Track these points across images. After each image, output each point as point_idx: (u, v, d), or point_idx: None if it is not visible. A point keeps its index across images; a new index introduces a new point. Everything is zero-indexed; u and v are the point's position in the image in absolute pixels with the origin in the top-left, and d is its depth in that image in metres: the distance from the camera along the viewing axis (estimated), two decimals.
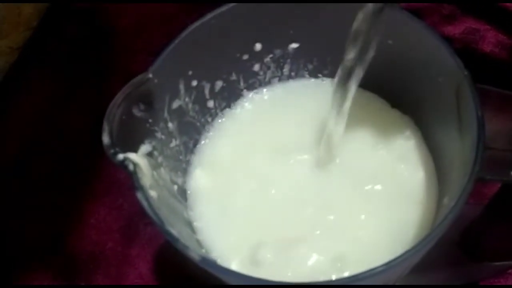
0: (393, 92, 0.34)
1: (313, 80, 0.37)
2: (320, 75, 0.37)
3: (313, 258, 0.30)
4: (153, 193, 0.27)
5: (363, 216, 0.31)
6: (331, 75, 0.36)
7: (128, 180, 0.27)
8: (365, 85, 0.35)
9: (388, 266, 0.24)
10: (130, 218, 0.44)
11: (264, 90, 0.37)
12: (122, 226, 0.44)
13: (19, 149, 0.48)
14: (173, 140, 0.32)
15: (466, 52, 0.50)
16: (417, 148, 0.33)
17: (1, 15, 0.48)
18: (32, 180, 0.46)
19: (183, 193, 0.33)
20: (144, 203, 0.25)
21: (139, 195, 0.26)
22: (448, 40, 0.41)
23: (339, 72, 0.29)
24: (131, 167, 0.26)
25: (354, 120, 0.34)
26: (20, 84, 0.52)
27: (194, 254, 0.25)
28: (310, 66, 0.36)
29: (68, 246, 0.43)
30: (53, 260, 0.43)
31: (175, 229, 0.26)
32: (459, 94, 0.28)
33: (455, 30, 0.51)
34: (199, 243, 0.31)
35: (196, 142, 0.35)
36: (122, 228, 0.44)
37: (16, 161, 0.48)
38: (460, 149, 0.28)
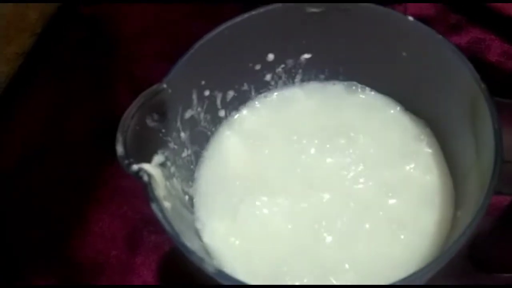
0: (408, 97, 0.34)
1: (323, 83, 0.37)
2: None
3: (329, 272, 0.30)
4: (166, 204, 0.27)
5: (371, 224, 0.31)
6: None
7: (131, 187, 0.26)
8: (379, 88, 0.35)
9: (403, 283, 0.24)
10: (134, 226, 0.44)
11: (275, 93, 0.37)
12: (126, 233, 0.44)
13: (23, 154, 0.48)
14: (185, 150, 0.32)
15: (472, 62, 0.50)
16: (432, 154, 0.33)
17: (6, 21, 0.48)
18: (35, 187, 0.46)
19: (192, 203, 0.33)
20: (159, 215, 0.25)
21: (154, 207, 0.25)
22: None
23: None
24: (145, 177, 0.26)
25: (367, 121, 0.34)
26: (25, 90, 0.51)
27: (209, 267, 0.24)
28: (321, 76, 0.36)
29: (72, 254, 0.43)
30: (56, 267, 0.42)
31: (188, 240, 0.26)
32: (475, 106, 0.28)
33: (461, 40, 0.51)
34: (207, 252, 0.31)
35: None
36: (126, 236, 0.43)
37: (20, 167, 0.47)
38: (476, 160, 0.28)
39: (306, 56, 0.35)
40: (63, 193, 0.46)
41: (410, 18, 0.29)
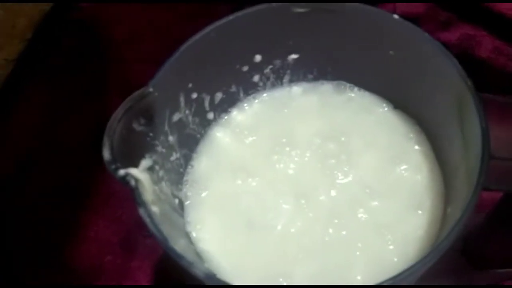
0: (397, 95, 0.34)
1: (312, 83, 0.37)
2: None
3: (321, 272, 0.30)
4: (155, 209, 0.27)
5: (366, 224, 0.31)
6: None
7: (126, 192, 0.26)
8: (368, 87, 0.35)
9: (394, 281, 0.24)
10: (129, 230, 0.44)
11: (264, 94, 0.36)
12: (121, 238, 0.43)
13: (16, 161, 0.48)
14: (174, 153, 0.32)
15: (462, 58, 0.50)
16: (422, 152, 0.33)
17: None
18: (29, 193, 0.46)
19: (183, 207, 0.33)
20: (147, 220, 0.25)
21: (141, 212, 0.25)
22: (445, 46, 0.41)
23: None
24: (132, 182, 0.26)
25: (356, 121, 0.34)
26: (17, 96, 0.51)
27: (198, 271, 0.24)
28: (310, 76, 0.36)
29: (67, 259, 0.43)
30: (52, 273, 0.42)
31: (178, 245, 0.26)
32: (462, 103, 0.28)
33: (451, 36, 0.51)
34: (198, 256, 0.31)
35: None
36: (122, 241, 0.43)
37: (13, 173, 0.47)
38: (464, 157, 0.28)
39: (294, 56, 0.34)
40: (57, 199, 0.46)
41: (396, 16, 0.29)
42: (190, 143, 0.34)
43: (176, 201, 0.32)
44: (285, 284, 0.29)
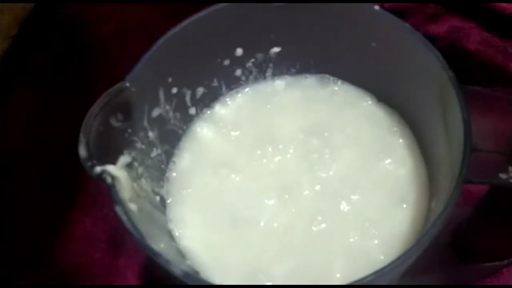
0: (380, 88, 0.34)
1: (295, 77, 0.36)
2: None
3: (303, 268, 0.29)
4: (133, 206, 0.26)
5: (350, 219, 0.31)
6: None
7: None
8: (351, 80, 0.35)
9: (377, 275, 0.24)
10: (117, 228, 0.43)
11: (247, 89, 0.36)
12: (108, 236, 0.43)
13: (1, 160, 0.47)
14: (154, 149, 0.32)
15: (451, 50, 0.50)
16: (406, 146, 0.33)
17: None
18: (15, 192, 0.46)
19: (164, 204, 0.32)
20: (123, 217, 0.25)
21: (117, 209, 0.25)
22: (433, 39, 0.41)
23: None
24: (109, 180, 0.26)
25: (340, 115, 0.34)
26: (2, 94, 0.51)
27: (176, 268, 0.24)
28: (293, 70, 0.36)
29: (55, 258, 0.42)
30: (39, 272, 0.42)
31: (157, 242, 0.25)
32: (444, 95, 0.27)
33: (439, 29, 0.51)
34: (181, 254, 0.31)
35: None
36: (109, 239, 0.43)
37: (0, 171, 0.47)
38: (448, 150, 0.28)
39: (276, 49, 0.34)
40: (44, 197, 0.45)
41: (376, 7, 0.29)
42: (172, 139, 0.33)
43: (158, 198, 0.32)
44: (264, 280, 0.29)
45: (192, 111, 0.34)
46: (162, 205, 0.32)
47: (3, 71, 0.51)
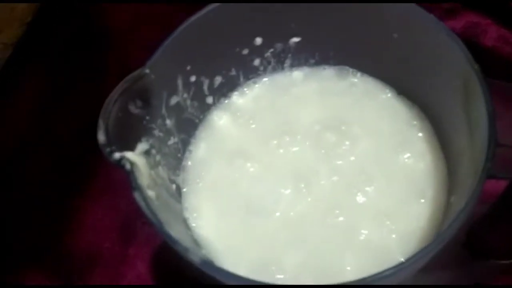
0: (400, 80, 0.34)
1: (314, 68, 0.36)
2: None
3: (320, 260, 0.29)
4: (151, 193, 0.26)
5: (367, 212, 0.31)
6: None
7: (124, 179, 0.26)
8: (371, 72, 0.34)
9: (395, 270, 0.23)
10: (127, 218, 0.43)
11: (264, 79, 0.36)
12: (119, 225, 0.43)
13: (13, 148, 0.47)
14: (171, 138, 0.31)
15: (467, 46, 0.49)
16: (425, 139, 0.32)
17: None
18: (27, 180, 0.46)
19: (180, 192, 0.32)
20: (142, 204, 0.25)
21: (136, 195, 0.25)
22: None
23: None
24: (128, 166, 0.26)
25: (359, 108, 0.34)
26: (14, 81, 0.51)
27: (194, 256, 0.24)
28: (312, 60, 0.35)
29: (65, 246, 0.42)
30: (49, 260, 0.42)
31: (173, 230, 0.25)
32: (468, 87, 0.27)
33: (456, 24, 0.51)
34: (196, 242, 0.30)
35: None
36: (120, 228, 0.43)
37: (10, 160, 0.47)
38: (469, 144, 0.27)
39: (295, 39, 0.34)
40: (55, 186, 0.45)
41: None
42: (188, 127, 0.33)
43: (174, 186, 0.31)
44: (276, 271, 0.29)
45: (210, 100, 0.34)
46: (178, 193, 0.32)
47: (17, 58, 0.51)
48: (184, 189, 0.32)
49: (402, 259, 0.28)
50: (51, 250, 0.42)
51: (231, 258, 0.30)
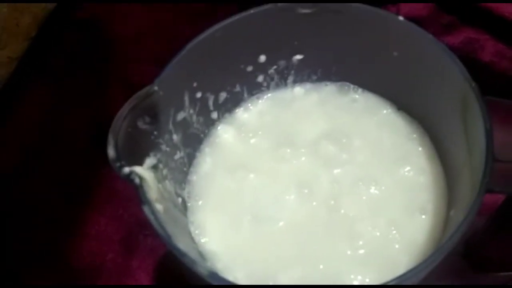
0: (401, 97, 0.34)
1: (316, 84, 0.37)
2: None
3: (318, 273, 0.30)
4: (159, 207, 0.27)
5: (367, 224, 0.31)
6: None
7: (127, 190, 0.26)
8: (372, 88, 0.35)
9: (397, 281, 0.24)
10: (130, 229, 0.44)
11: (268, 94, 0.37)
12: (122, 237, 0.43)
13: (18, 159, 0.48)
14: (178, 152, 0.32)
15: (465, 62, 0.50)
16: (425, 154, 0.33)
17: (0, 26, 0.48)
18: (31, 191, 0.46)
19: (185, 206, 0.33)
20: (151, 218, 0.25)
21: (146, 209, 0.25)
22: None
23: None
24: (137, 180, 0.26)
25: (360, 122, 0.35)
26: (19, 94, 0.51)
27: (202, 269, 0.24)
28: (314, 77, 0.36)
29: (68, 257, 0.42)
30: (52, 271, 0.42)
31: (181, 243, 0.26)
32: (466, 105, 0.28)
33: (454, 40, 0.51)
34: (201, 255, 0.31)
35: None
36: (123, 239, 0.43)
37: (15, 171, 0.47)
38: (468, 159, 0.28)
39: (298, 57, 0.35)
40: (59, 197, 0.46)
41: (401, 18, 0.30)
42: (194, 142, 0.34)
43: (180, 200, 0.32)
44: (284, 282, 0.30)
45: (214, 115, 0.35)
46: (184, 207, 0.32)
47: (22, 71, 0.51)
48: (189, 203, 0.33)
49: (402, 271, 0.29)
50: (54, 261, 0.42)
51: (237, 270, 0.30)
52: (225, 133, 0.35)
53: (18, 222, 0.45)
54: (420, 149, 0.33)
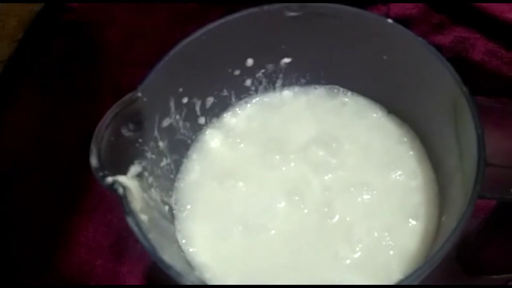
0: (391, 100, 0.34)
1: (305, 88, 0.36)
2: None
3: (310, 282, 0.29)
4: (143, 217, 0.26)
5: (361, 230, 0.31)
6: None
7: (116, 196, 0.26)
8: (361, 91, 0.35)
9: None
10: (120, 234, 0.43)
11: (256, 99, 0.36)
12: (112, 242, 0.43)
13: (5, 164, 0.47)
14: (164, 159, 0.32)
15: (456, 61, 0.49)
16: (416, 158, 0.33)
17: None
18: (19, 198, 0.45)
19: (173, 214, 0.32)
20: (135, 229, 0.25)
21: (129, 220, 0.25)
22: (438, 49, 0.41)
23: None
24: (120, 190, 0.26)
25: (349, 126, 0.34)
26: (7, 98, 0.51)
27: (186, 281, 0.24)
28: (303, 80, 0.36)
29: (57, 263, 0.42)
30: (41, 279, 0.42)
31: (166, 253, 0.25)
32: (457, 109, 0.27)
33: (445, 39, 0.51)
34: (189, 264, 0.30)
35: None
36: (112, 245, 0.43)
37: (3, 177, 0.47)
38: (459, 164, 0.28)
39: (286, 60, 0.34)
40: (47, 203, 0.45)
41: (390, 20, 0.29)
42: (181, 148, 0.33)
43: (166, 208, 0.31)
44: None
45: (202, 120, 0.34)
46: (171, 215, 0.32)
47: (9, 75, 0.51)
48: (176, 211, 0.32)
49: (397, 277, 0.28)
50: (42, 267, 0.42)
51: (226, 278, 0.30)
52: (212, 139, 0.34)
53: (6, 229, 0.44)
54: (411, 152, 0.33)
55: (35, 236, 0.43)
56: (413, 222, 0.30)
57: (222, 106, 0.35)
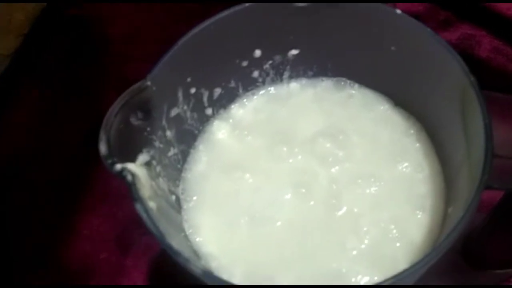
0: (398, 92, 0.34)
1: (312, 80, 0.36)
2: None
3: (317, 273, 0.29)
4: (152, 204, 0.26)
5: (368, 222, 0.31)
6: None
7: (121, 188, 0.26)
8: (368, 83, 0.35)
9: (394, 280, 0.23)
10: (125, 228, 0.43)
11: (263, 90, 0.36)
12: (116, 236, 0.43)
13: (11, 158, 0.47)
14: (171, 149, 0.32)
15: (462, 57, 0.50)
16: (423, 150, 0.33)
17: None
18: (25, 191, 0.46)
19: (180, 203, 0.32)
20: (144, 215, 0.25)
21: (138, 207, 0.25)
22: None
23: None
24: (129, 177, 0.26)
25: (356, 118, 0.34)
26: (12, 92, 0.51)
27: (195, 268, 0.24)
28: (310, 72, 0.36)
29: (62, 256, 0.42)
30: (46, 271, 0.42)
31: (174, 241, 0.25)
32: (465, 99, 0.27)
33: (451, 36, 0.51)
34: (195, 253, 0.31)
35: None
36: (117, 238, 0.43)
37: (8, 171, 0.47)
38: (466, 155, 0.28)
39: (294, 52, 0.34)
40: (52, 196, 0.45)
41: (398, 11, 0.29)
42: (188, 138, 0.33)
43: (173, 197, 0.31)
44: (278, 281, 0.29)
45: (209, 111, 0.34)
46: (178, 204, 0.32)
47: (13, 69, 0.51)
48: (183, 201, 0.32)
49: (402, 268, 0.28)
50: (47, 260, 0.42)
51: (233, 269, 0.30)
52: (220, 130, 0.34)
53: (11, 223, 0.44)
54: (417, 145, 0.33)
55: (40, 230, 0.44)
56: (420, 214, 0.30)
57: (229, 97, 0.35)
